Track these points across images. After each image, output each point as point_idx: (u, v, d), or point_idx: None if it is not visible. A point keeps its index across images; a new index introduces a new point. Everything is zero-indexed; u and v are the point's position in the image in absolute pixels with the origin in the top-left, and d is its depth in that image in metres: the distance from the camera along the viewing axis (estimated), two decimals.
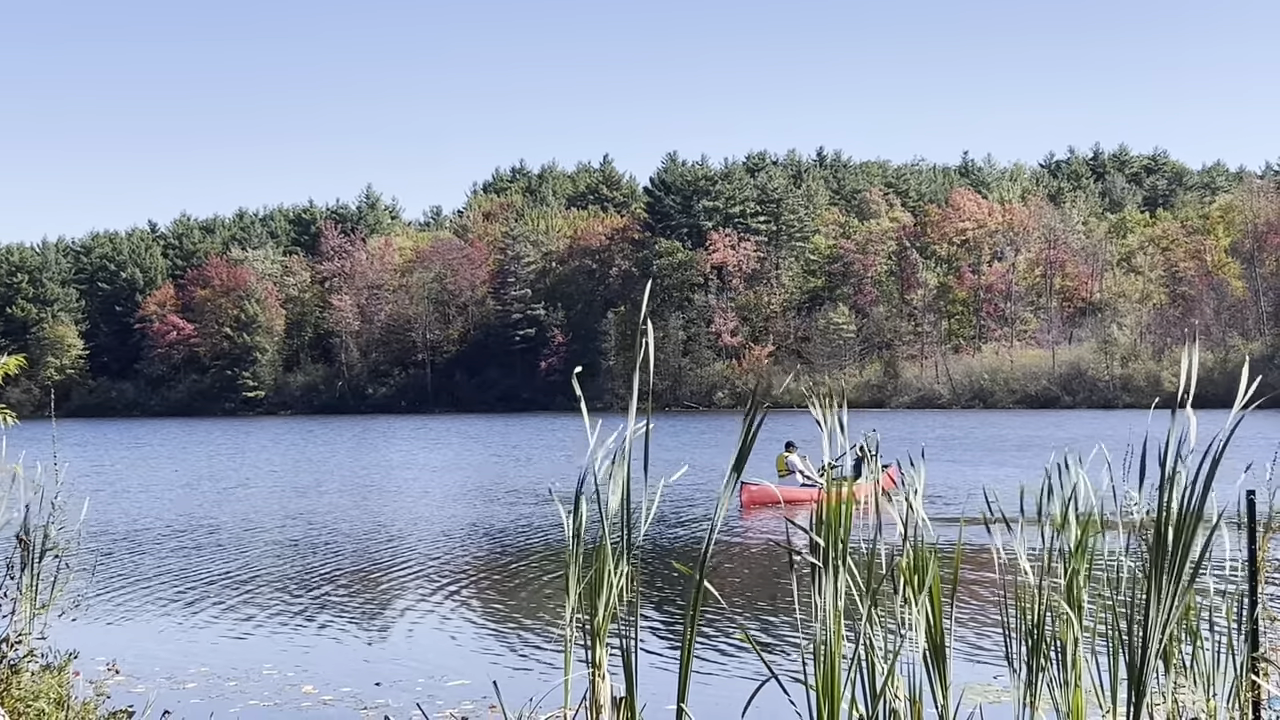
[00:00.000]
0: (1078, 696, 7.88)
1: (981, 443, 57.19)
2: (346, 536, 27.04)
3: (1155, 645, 6.51)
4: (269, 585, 20.51)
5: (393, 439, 75.44)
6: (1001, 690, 10.95)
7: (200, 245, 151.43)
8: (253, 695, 12.77)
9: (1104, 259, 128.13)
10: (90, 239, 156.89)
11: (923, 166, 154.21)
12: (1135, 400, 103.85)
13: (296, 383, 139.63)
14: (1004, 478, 34.22)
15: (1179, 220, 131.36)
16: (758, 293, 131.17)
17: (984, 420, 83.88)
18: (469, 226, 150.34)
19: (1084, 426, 66.72)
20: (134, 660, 13.96)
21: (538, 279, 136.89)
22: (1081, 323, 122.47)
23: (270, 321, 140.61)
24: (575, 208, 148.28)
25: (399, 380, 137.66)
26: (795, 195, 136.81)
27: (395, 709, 11.60)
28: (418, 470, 48.50)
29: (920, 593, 7.41)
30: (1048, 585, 7.84)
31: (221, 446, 70.24)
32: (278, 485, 41.73)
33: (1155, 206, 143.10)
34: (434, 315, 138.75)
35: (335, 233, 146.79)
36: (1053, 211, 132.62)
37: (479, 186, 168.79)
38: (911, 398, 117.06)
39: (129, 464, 54.54)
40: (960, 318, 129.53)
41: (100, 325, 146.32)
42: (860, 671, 7.16)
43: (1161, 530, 6.46)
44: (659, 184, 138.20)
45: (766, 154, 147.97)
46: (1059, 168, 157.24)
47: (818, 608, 7.17)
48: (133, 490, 40.24)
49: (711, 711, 10.41)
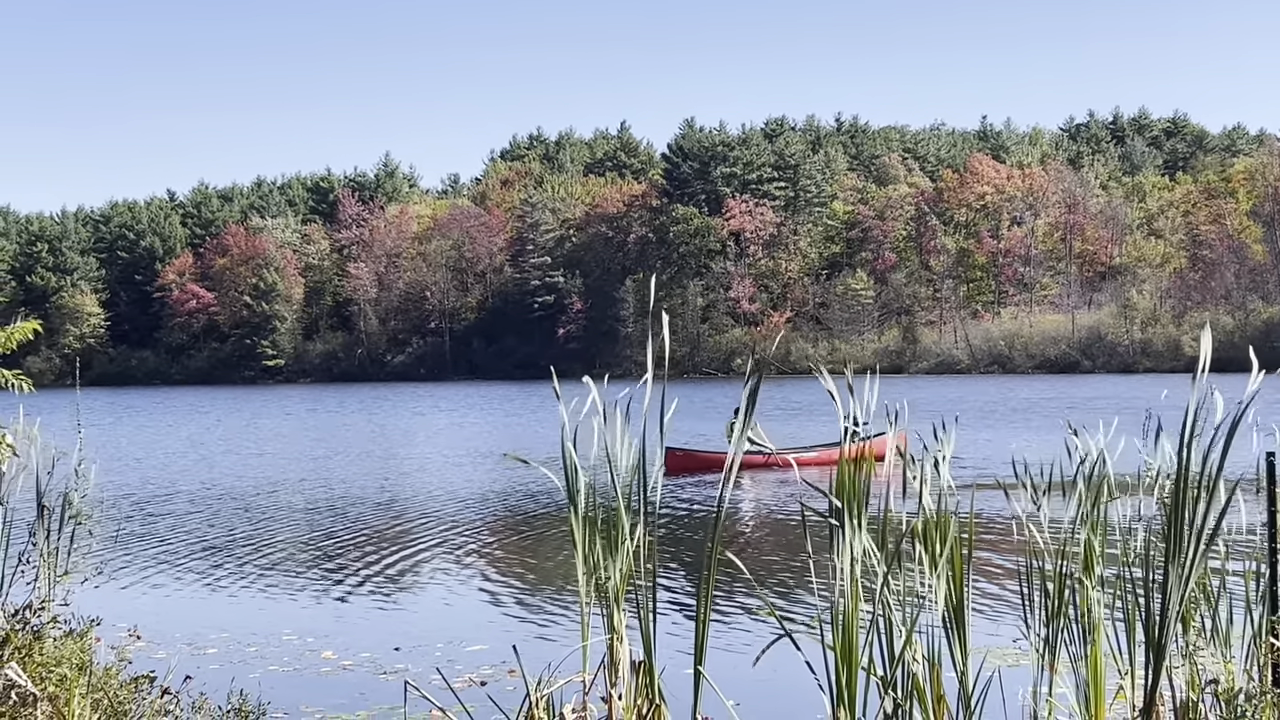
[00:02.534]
0: (1096, 658, 7.88)
1: (1000, 408, 57.06)
2: (366, 502, 27.12)
3: (1174, 608, 6.49)
4: (289, 551, 20.59)
5: (411, 406, 75.60)
6: (1021, 654, 10.95)
7: (219, 214, 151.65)
8: (273, 661, 12.83)
9: (1123, 223, 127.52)
10: (109, 208, 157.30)
11: (942, 132, 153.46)
12: (1155, 365, 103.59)
13: (315, 351, 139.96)
14: (1024, 443, 34.17)
15: (1199, 184, 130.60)
16: (776, 259, 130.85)
17: (1002, 385, 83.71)
18: (487, 194, 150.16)
19: (1103, 391, 66.59)
20: (155, 626, 14.04)
21: (556, 246, 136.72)
22: (1101, 287, 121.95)
23: (289, 290, 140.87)
24: (593, 175, 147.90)
25: (417, 348, 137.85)
26: (813, 161, 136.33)
27: (414, 674, 11.64)
28: (436, 436, 48.59)
29: (940, 557, 7.40)
30: (1066, 547, 7.83)
31: (241, 414, 70.47)
32: (297, 452, 41.86)
33: (1175, 170, 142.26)
34: (452, 283, 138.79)
35: (353, 201, 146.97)
36: (1072, 175, 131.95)
37: (496, 154, 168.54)
38: (930, 363, 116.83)
39: (149, 432, 54.75)
40: (979, 283, 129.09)
41: (120, 294, 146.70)
42: (878, 634, 7.16)
43: (1181, 491, 6.44)
44: (676, 150, 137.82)
45: (785, 120, 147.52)
46: (1078, 132, 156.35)
47: (836, 569, 7.17)
48: (153, 457, 40.40)
49: (729, 675, 10.43)
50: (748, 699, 9.92)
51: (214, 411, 74.20)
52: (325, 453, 41.45)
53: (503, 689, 10.81)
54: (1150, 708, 6.51)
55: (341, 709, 10.83)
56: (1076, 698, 7.87)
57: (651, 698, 7.30)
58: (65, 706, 7.05)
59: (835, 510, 7.29)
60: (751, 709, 9.34)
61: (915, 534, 7.55)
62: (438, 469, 35.21)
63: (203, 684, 9.24)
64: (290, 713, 10.58)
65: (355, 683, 11.86)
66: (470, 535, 22.18)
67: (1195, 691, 7.42)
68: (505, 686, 10.95)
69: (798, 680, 8.71)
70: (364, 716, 10.59)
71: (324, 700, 11.12)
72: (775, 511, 24.48)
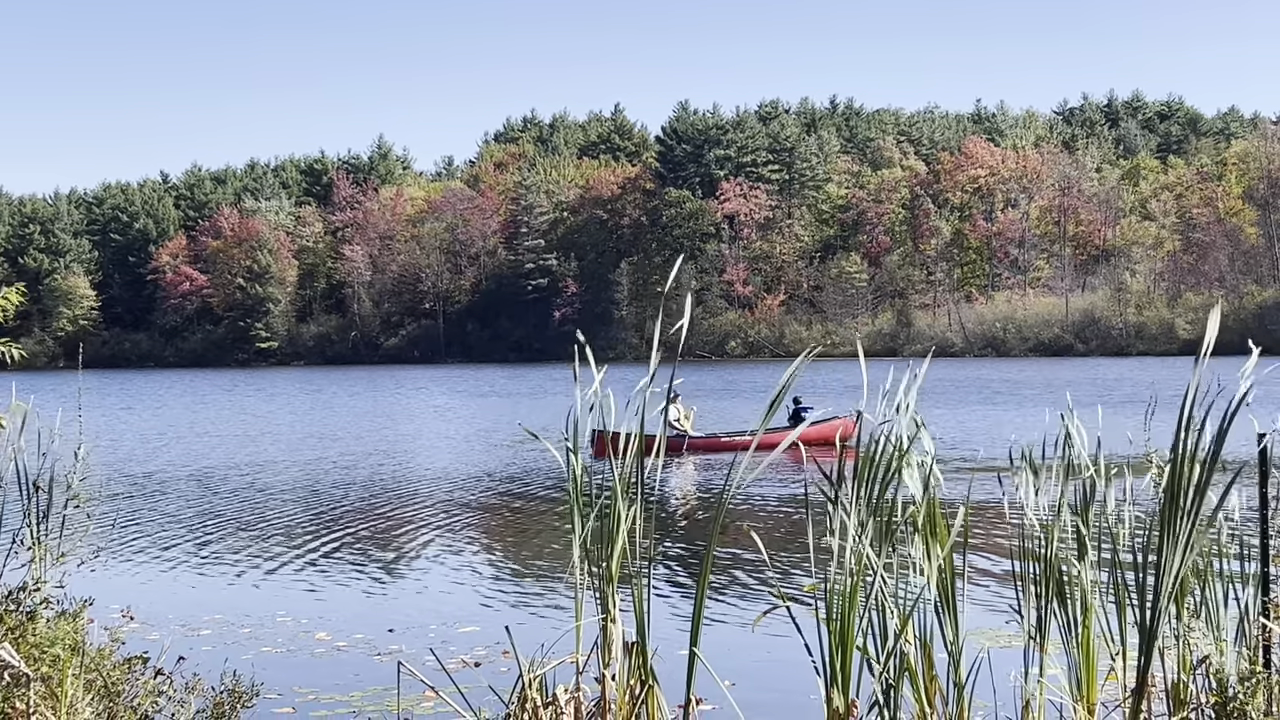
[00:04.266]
0: (1088, 639, 7.90)
1: (992, 388, 57.11)
2: (359, 484, 27.13)
3: (1167, 589, 6.51)
4: (282, 533, 20.60)
5: (405, 388, 75.60)
6: (1013, 635, 10.99)
7: (212, 196, 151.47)
8: (266, 642, 12.84)
9: (1117, 206, 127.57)
10: (102, 190, 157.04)
11: (936, 114, 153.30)
12: (1149, 348, 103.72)
13: (309, 333, 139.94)
14: (1015, 423, 34.23)
15: (1193, 167, 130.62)
16: (770, 242, 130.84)
17: (996, 367, 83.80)
18: (480, 176, 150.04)
19: (1097, 373, 66.69)
20: (148, 608, 14.04)
21: (550, 229, 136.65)
22: (1095, 270, 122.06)
23: (283, 272, 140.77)
24: (587, 157, 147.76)
25: (411, 330, 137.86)
26: (808, 144, 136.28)
27: (409, 655, 11.66)
28: (429, 418, 48.61)
29: (934, 540, 7.41)
30: (1057, 527, 7.84)
31: (234, 396, 70.46)
32: (290, 434, 41.86)
33: (1169, 153, 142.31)
34: (446, 265, 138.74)
35: (347, 183, 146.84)
36: (1066, 158, 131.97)
37: (490, 136, 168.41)
38: (924, 346, 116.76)
39: (142, 414, 54.71)
40: (973, 266, 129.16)
41: (113, 276, 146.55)
42: (872, 614, 7.18)
43: (1177, 472, 6.45)
44: (670, 133, 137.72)
45: (779, 102, 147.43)
46: (1073, 114, 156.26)
47: (835, 550, 7.19)
48: (146, 439, 40.38)
49: (724, 655, 10.46)
50: (742, 680, 9.95)
51: (207, 394, 74.18)
52: (318, 434, 41.44)
53: (496, 670, 10.83)
54: (1142, 689, 6.53)
55: (335, 690, 10.85)
56: (1068, 678, 7.89)
57: (644, 678, 7.31)
58: (58, 687, 7.05)
59: (834, 492, 7.31)
60: (745, 690, 9.37)
61: (910, 519, 7.56)
62: (433, 451, 35.22)
63: (196, 665, 9.24)
64: (284, 694, 10.59)
65: (349, 664, 11.88)
66: (464, 517, 22.20)
67: (1187, 673, 7.44)
68: (499, 667, 10.97)
69: (792, 663, 8.74)
70: (358, 697, 10.60)
71: (318, 681, 11.14)
72: (754, 498, 24.52)
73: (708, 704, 8.79)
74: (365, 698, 10.57)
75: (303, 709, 10.38)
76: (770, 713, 9.60)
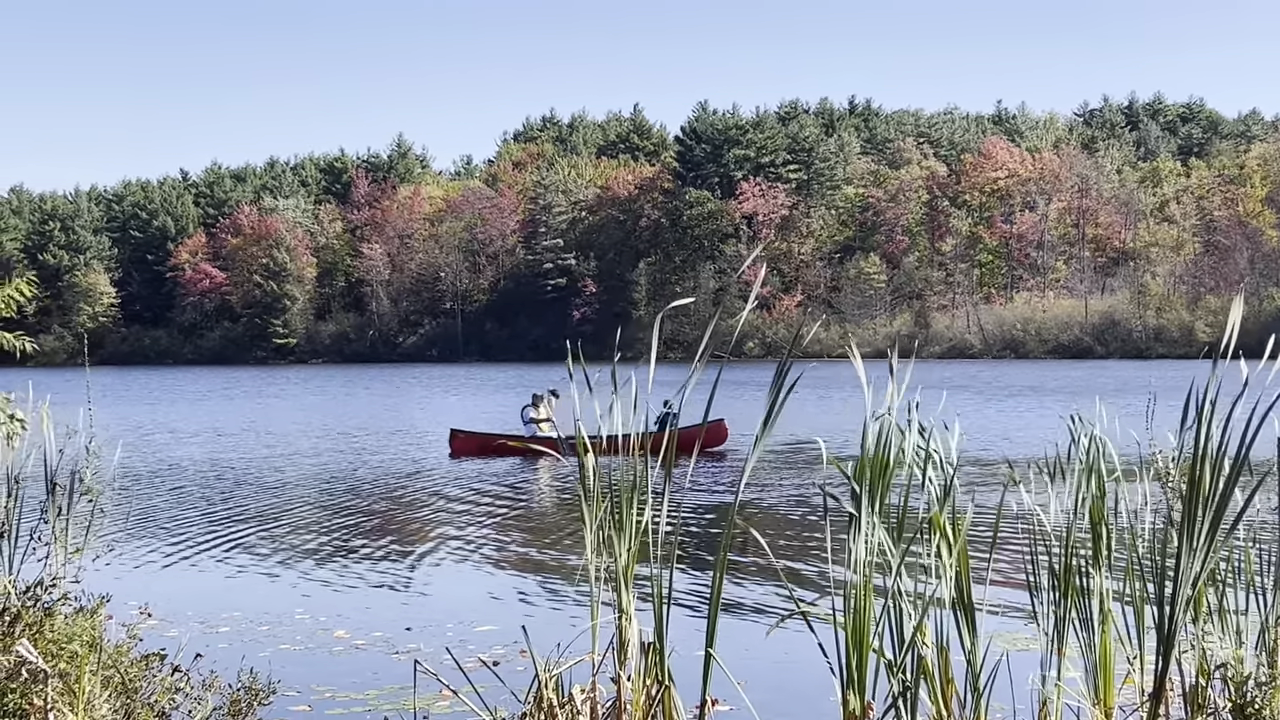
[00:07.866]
0: (1106, 643, 7.88)
1: (1012, 391, 56.96)
2: (377, 483, 27.16)
3: (1185, 595, 6.48)
4: (300, 531, 20.63)
5: (423, 386, 75.65)
6: (1030, 639, 10.95)
7: (231, 194, 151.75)
8: (284, 640, 12.86)
9: (1137, 208, 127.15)
10: (122, 187, 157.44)
11: (955, 115, 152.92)
12: (1169, 350, 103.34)
13: (327, 331, 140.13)
14: (1033, 426, 34.13)
15: (1214, 169, 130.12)
16: (788, 242, 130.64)
17: (1016, 370, 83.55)
18: (499, 176, 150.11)
19: (1117, 376, 66.48)
20: (166, 604, 14.06)
21: (568, 228, 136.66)
22: (1114, 272, 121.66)
23: (301, 270, 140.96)
24: (605, 157, 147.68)
25: (429, 329, 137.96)
26: (827, 144, 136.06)
27: (426, 653, 11.67)
28: (448, 416, 48.63)
29: (954, 545, 7.39)
30: (1074, 531, 7.82)
31: (252, 393, 70.59)
32: (309, 432, 41.91)
33: (1190, 155, 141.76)
34: (464, 264, 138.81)
35: (366, 181, 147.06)
36: (1086, 160, 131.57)
37: (509, 136, 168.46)
38: (943, 348, 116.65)
39: (160, 410, 54.85)
40: (991, 267, 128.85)
41: (132, 273, 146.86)
42: (889, 618, 7.17)
43: (1196, 477, 6.41)
44: (690, 133, 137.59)
45: (799, 103, 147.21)
46: (1093, 116, 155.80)
47: (851, 554, 7.18)
48: (165, 436, 40.48)
49: (740, 656, 10.44)
50: (757, 682, 9.94)
51: (226, 390, 74.33)
52: (337, 432, 41.50)
53: (513, 669, 10.83)
54: (1159, 693, 6.50)
55: (352, 688, 10.86)
56: (1085, 682, 7.87)
57: (660, 678, 7.31)
58: (76, 683, 7.07)
59: (854, 497, 7.30)
60: (760, 692, 9.36)
61: (932, 523, 7.54)
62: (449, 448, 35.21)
63: (213, 662, 9.25)
64: (301, 691, 10.61)
65: (367, 662, 11.90)
66: (482, 515, 22.20)
67: (1204, 677, 7.42)
68: (515, 666, 10.97)
69: (807, 665, 8.73)
70: (374, 696, 10.62)
71: (335, 679, 11.15)
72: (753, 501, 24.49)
73: (723, 705, 8.78)
74: (382, 696, 10.58)
75: (319, 707, 10.39)
76: (786, 714, 9.59)
